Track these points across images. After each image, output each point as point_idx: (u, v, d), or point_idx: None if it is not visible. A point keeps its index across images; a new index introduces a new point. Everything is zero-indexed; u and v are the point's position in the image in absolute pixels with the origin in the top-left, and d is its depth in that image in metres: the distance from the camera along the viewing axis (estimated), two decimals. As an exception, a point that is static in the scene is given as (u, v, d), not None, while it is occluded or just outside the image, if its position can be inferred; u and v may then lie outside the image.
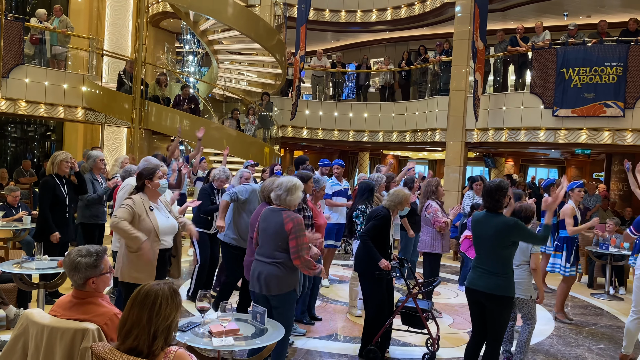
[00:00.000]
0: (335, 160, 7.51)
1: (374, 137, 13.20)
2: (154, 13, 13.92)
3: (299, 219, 3.54)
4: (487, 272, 3.61)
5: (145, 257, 3.58)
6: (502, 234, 3.54)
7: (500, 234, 3.54)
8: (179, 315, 2.18)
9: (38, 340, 2.36)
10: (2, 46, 9.17)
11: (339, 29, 15.38)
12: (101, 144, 13.23)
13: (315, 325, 5.23)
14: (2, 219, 6.35)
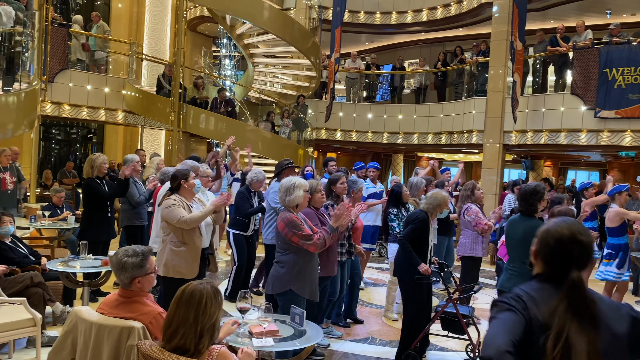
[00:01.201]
0: (370, 163, 7.50)
1: (409, 139, 13.09)
2: (191, 17, 14.20)
3: (287, 217, 3.58)
4: (517, 274, 3.56)
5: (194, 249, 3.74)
6: (529, 237, 3.41)
7: (528, 237, 3.42)
8: (222, 313, 2.22)
9: (86, 336, 2.44)
10: (49, 52, 9.49)
11: (374, 30, 15.32)
12: (140, 146, 13.56)
13: (351, 328, 5.23)
14: (48, 218, 6.58)
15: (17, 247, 4.68)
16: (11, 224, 4.65)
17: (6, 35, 6.57)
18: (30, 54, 7.12)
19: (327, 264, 4.25)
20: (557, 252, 1.57)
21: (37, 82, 7.37)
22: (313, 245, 3.51)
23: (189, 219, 3.79)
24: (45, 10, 8.97)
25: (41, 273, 4.45)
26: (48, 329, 4.44)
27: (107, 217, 5.47)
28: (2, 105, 6.33)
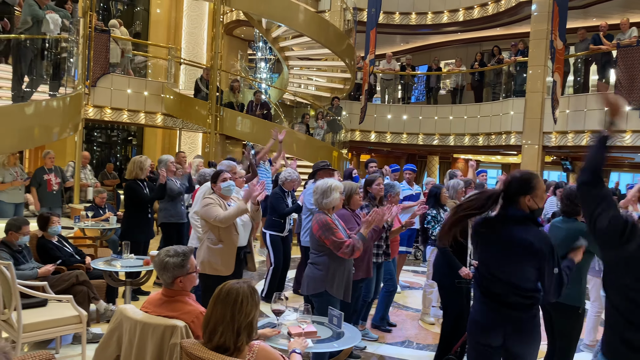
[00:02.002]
0: (406, 165, 7.45)
1: (445, 141, 12.93)
2: (228, 22, 14.40)
3: (322, 219, 3.57)
4: None
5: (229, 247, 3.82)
6: (572, 240, 3.24)
7: (571, 240, 3.25)
8: (259, 312, 2.25)
9: (131, 334, 2.50)
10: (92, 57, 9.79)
11: (409, 31, 15.21)
12: (178, 148, 13.84)
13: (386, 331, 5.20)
14: (91, 219, 6.79)
15: (63, 246, 4.85)
16: (58, 223, 4.83)
17: (53, 42, 6.82)
18: (75, 59, 7.37)
19: (362, 265, 4.24)
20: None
21: (81, 86, 7.62)
22: (342, 252, 3.50)
23: (224, 216, 3.88)
24: (88, 17, 9.26)
25: (85, 272, 4.60)
26: (92, 326, 4.57)
27: (147, 218, 5.61)
28: (49, 110, 6.57)
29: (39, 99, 6.63)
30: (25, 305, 3.77)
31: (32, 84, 6.77)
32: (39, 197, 7.28)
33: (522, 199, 2.61)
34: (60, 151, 11.30)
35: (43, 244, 4.71)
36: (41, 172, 7.35)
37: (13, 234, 4.27)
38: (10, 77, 6.63)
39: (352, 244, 3.47)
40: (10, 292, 3.66)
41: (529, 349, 2.70)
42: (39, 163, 12.19)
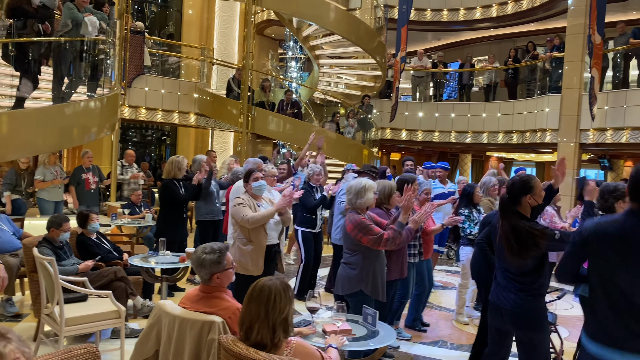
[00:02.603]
0: (438, 163, 7.36)
1: (478, 138, 12.73)
2: (258, 21, 14.51)
3: (356, 219, 3.56)
4: None
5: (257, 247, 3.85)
6: None
7: None
8: (293, 308, 2.26)
9: (170, 329, 2.55)
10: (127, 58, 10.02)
11: (441, 28, 15.03)
12: (210, 147, 14.03)
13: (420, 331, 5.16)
14: (127, 216, 6.95)
15: (102, 243, 4.97)
16: (97, 220, 4.96)
17: (91, 44, 7.00)
18: (111, 61, 7.55)
19: (397, 265, 4.21)
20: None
21: (118, 87, 7.80)
22: (383, 246, 3.50)
23: (251, 218, 3.92)
24: (124, 19, 9.48)
25: (123, 268, 4.70)
26: (129, 321, 4.68)
27: (182, 217, 5.69)
28: (87, 110, 6.76)
29: (77, 100, 6.82)
30: (67, 300, 3.89)
31: (71, 85, 6.97)
32: (77, 196, 7.48)
33: (524, 199, 2.98)
34: (97, 151, 11.59)
35: (82, 241, 4.84)
36: (80, 171, 7.55)
37: (54, 230, 4.40)
38: (51, 78, 6.84)
39: (391, 235, 3.47)
40: (53, 287, 3.77)
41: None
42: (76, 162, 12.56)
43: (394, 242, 3.49)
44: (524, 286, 2.95)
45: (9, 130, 5.75)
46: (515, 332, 3.07)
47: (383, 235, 3.48)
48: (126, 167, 8.23)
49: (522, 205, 2.99)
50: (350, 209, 3.74)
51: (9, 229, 5.21)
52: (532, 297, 2.94)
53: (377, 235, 3.49)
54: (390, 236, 3.47)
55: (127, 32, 9.80)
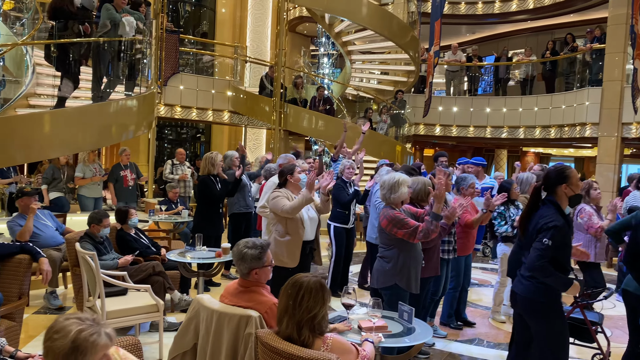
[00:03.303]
0: (474, 158, 7.24)
1: (514, 133, 12.46)
2: (291, 18, 14.55)
3: (390, 214, 3.55)
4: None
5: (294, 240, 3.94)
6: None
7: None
8: (325, 310, 2.22)
9: (208, 323, 2.59)
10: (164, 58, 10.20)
11: (476, 21, 14.77)
12: (244, 144, 14.16)
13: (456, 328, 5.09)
14: (164, 212, 7.09)
15: (140, 238, 5.08)
16: (136, 216, 5.07)
17: (128, 44, 7.16)
18: (148, 60, 7.70)
19: (430, 262, 4.16)
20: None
21: (154, 86, 7.95)
22: (419, 238, 3.49)
23: (289, 207, 3.96)
24: (159, 19, 9.65)
25: (161, 263, 4.80)
26: (167, 315, 4.77)
27: (218, 213, 5.78)
28: (125, 108, 6.91)
29: (116, 99, 6.98)
30: (108, 294, 4.00)
31: (109, 85, 7.14)
32: (115, 192, 7.68)
33: (560, 188, 3.00)
34: (134, 148, 11.87)
35: (122, 236, 4.96)
36: (118, 168, 7.75)
37: (95, 226, 4.53)
38: (90, 78, 7.02)
39: (425, 227, 3.45)
40: (94, 281, 3.88)
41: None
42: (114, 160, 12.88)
43: (428, 234, 3.46)
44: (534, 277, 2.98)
45: (51, 129, 5.93)
46: (525, 317, 3.10)
47: (418, 227, 3.46)
48: (177, 166, 8.31)
49: (558, 195, 3.01)
50: (385, 204, 3.72)
51: (52, 225, 5.38)
52: (543, 285, 2.95)
53: (412, 228, 3.47)
54: (424, 227, 3.44)
55: (162, 32, 9.98)
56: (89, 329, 1.63)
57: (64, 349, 1.60)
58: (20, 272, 3.61)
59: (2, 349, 2.66)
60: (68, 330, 1.61)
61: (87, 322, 1.65)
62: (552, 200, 3.01)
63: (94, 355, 1.64)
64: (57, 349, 1.61)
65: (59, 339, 1.61)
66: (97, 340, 1.63)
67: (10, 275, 3.62)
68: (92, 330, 1.63)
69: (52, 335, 1.63)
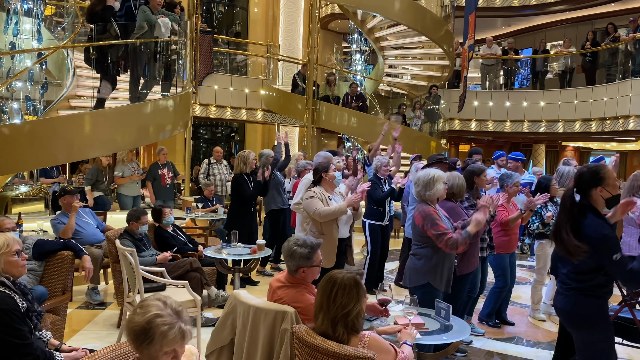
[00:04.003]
0: (512, 153, 7.07)
1: (553, 128, 12.13)
2: (323, 16, 14.55)
3: (425, 210, 3.46)
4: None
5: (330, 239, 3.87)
6: None
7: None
8: (360, 307, 2.20)
9: (245, 318, 2.62)
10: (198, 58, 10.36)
11: (511, 13, 14.42)
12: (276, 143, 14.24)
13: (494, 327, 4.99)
14: (201, 209, 7.20)
15: (178, 235, 5.18)
16: (170, 214, 5.17)
17: (164, 45, 7.29)
18: (183, 60, 7.83)
19: (467, 258, 4.09)
20: None
21: (189, 86, 8.08)
22: (444, 245, 3.40)
23: (322, 212, 3.93)
24: (194, 19, 9.80)
25: (198, 259, 4.88)
26: (204, 310, 4.85)
27: (250, 211, 5.84)
28: (162, 109, 7.05)
29: (153, 99, 7.13)
30: (147, 289, 4.08)
31: (146, 86, 7.29)
32: (153, 191, 7.84)
33: (594, 191, 2.74)
34: (171, 147, 12.08)
35: (160, 233, 5.06)
36: (156, 167, 7.91)
37: (134, 223, 4.64)
38: (127, 79, 7.19)
39: (455, 239, 3.36)
40: (134, 277, 3.98)
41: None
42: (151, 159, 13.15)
43: (457, 246, 3.37)
44: (578, 284, 2.75)
45: (91, 129, 6.10)
46: (568, 329, 2.95)
47: (447, 234, 3.37)
48: (213, 164, 8.39)
49: (593, 198, 2.75)
50: (420, 201, 3.66)
51: (93, 223, 5.54)
52: (584, 296, 2.74)
53: (441, 232, 3.39)
54: (454, 239, 3.35)
55: (196, 33, 10.13)
56: (165, 318, 1.60)
57: (137, 326, 1.61)
58: (64, 268, 3.73)
59: (48, 341, 2.76)
60: (148, 310, 1.61)
61: (167, 310, 1.62)
62: (588, 205, 2.75)
63: (161, 346, 1.60)
64: (133, 324, 1.62)
65: (138, 315, 1.61)
66: (167, 333, 1.60)
67: (54, 271, 3.74)
68: (167, 320, 1.60)
69: (137, 308, 1.65)
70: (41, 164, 6.32)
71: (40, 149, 5.65)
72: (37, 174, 7.37)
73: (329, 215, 3.99)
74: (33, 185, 6.98)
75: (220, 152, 8.54)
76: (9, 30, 6.81)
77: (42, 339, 2.73)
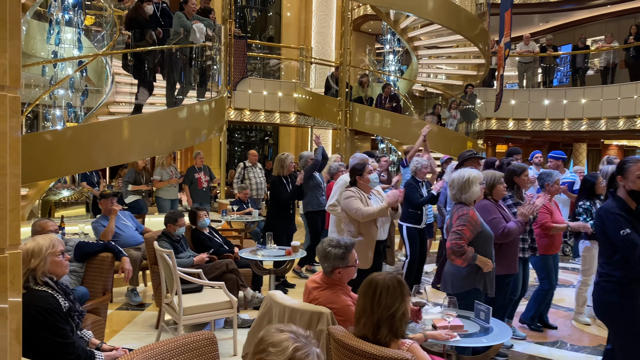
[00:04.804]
0: (552, 152, 6.87)
1: (595, 125, 11.74)
2: (355, 17, 14.52)
3: (463, 211, 3.37)
4: None
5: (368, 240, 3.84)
6: None
7: None
8: (405, 307, 2.16)
9: (280, 319, 2.60)
10: (232, 63, 10.48)
11: (549, 9, 14.05)
12: (310, 145, 14.28)
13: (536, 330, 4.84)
14: (236, 212, 7.26)
15: (214, 237, 5.23)
16: (206, 217, 5.21)
17: (199, 51, 7.41)
18: (218, 65, 7.93)
19: (507, 260, 3.97)
20: None
21: (224, 90, 8.18)
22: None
23: (364, 212, 3.89)
24: (228, 25, 9.92)
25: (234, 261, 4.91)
26: (240, 312, 4.87)
27: (288, 214, 5.87)
28: (198, 113, 7.15)
29: (189, 104, 7.24)
30: (184, 291, 4.13)
31: (182, 91, 7.42)
32: (190, 194, 7.97)
33: (618, 180, 2.83)
34: (206, 151, 12.27)
35: (197, 235, 5.12)
36: (192, 171, 8.03)
37: (171, 225, 4.70)
38: (164, 85, 7.33)
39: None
40: (172, 278, 4.03)
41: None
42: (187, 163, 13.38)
43: (510, 235, 3.45)
44: (602, 270, 2.85)
45: (129, 134, 6.24)
46: (602, 321, 2.99)
47: (464, 246, 3.32)
48: (249, 168, 8.37)
49: (617, 187, 2.85)
50: (456, 203, 3.58)
51: (132, 225, 5.66)
52: (607, 283, 2.79)
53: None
54: (466, 256, 3.31)
55: (230, 38, 10.25)
56: (304, 349, 1.53)
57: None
58: (104, 269, 3.82)
59: (89, 341, 2.81)
60: (285, 347, 1.52)
61: (301, 340, 1.56)
62: (613, 192, 2.83)
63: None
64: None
65: (276, 354, 1.52)
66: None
67: (95, 272, 3.83)
68: (307, 350, 1.53)
69: (268, 347, 1.55)
70: (82, 168, 6.49)
71: (81, 154, 5.81)
72: (79, 178, 7.58)
73: (370, 216, 3.96)
74: (75, 189, 7.19)
75: (255, 156, 8.55)
76: (51, 40, 7.05)
77: (84, 338, 2.79)
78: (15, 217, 1.47)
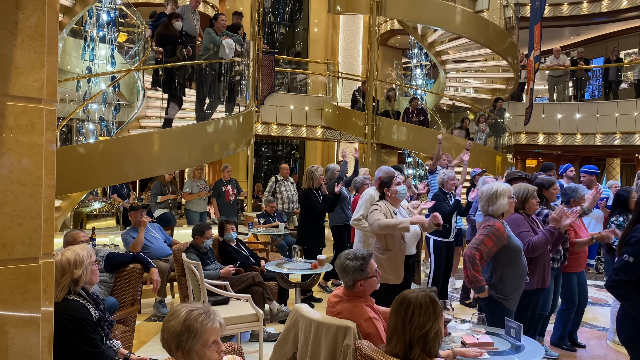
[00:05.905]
0: (585, 167, 6.71)
1: (629, 140, 11.43)
2: (382, 32, 14.57)
3: (490, 222, 3.34)
4: None
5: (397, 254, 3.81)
6: None
7: None
8: (438, 326, 2.11)
9: (306, 333, 2.59)
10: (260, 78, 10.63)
11: (580, 22, 13.84)
12: (336, 159, 14.30)
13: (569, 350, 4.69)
14: (262, 225, 7.30)
15: (241, 249, 5.26)
16: (233, 230, 5.25)
17: (228, 66, 7.54)
18: (246, 81, 8.05)
19: (539, 274, 3.87)
20: None
21: (252, 105, 8.28)
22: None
23: (380, 223, 3.84)
24: (256, 41, 10.08)
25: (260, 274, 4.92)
26: (266, 325, 4.86)
27: (320, 225, 5.90)
28: (226, 127, 7.25)
29: (217, 118, 7.36)
30: (211, 303, 4.15)
31: (211, 106, 7.54)
32: (218, 207, 8.05)
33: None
34: (234, 165, 12.38)
35: (224, 248, 5.16)
36: (220, 184, 8.12)
37: (198, 238, 4.75)
38: (193, 99, 7.46)
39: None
40: (199, 289, 4.06)
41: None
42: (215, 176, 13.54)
43: (539, 248, 3.36)
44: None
45: (159, 148, 6.36)
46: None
47: (529, 241, 3.28)
48: (280, 182, 8.27)
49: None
50: (485, 215, 3.53)
51: (161, 237, 5.74)
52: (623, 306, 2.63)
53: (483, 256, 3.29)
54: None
55: (259, 53, 10.40)
56: (199, 311, 1.79)
57: (176, 328, 1.77)
58: (133, 280, 3.87)
59: (117, 350, 2.84)
60: (179, 312, 1.80)
61: (197, 305, 1.83)
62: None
63: (204, 336, 1.77)
64: (170, 329, 1.79)
65: (172, 320, 1.79)
66: (206, 321, 1.77)
67: (124, 282, 3.89)
68: (202, 311, 1.79)
69: (167, 317, 1.82)
70: (113, 180, 6.63)
71: (113, 167, 5.94)
72: (110, 191, 7.75)
73: (386, 228, 3.89)
74: (106, 202, 7.34)
75: (287, 169, 8.49)
76: (85, 56, 7.27)
77: (112, 348, 2.82)
78: (49, 227, 1.50)
